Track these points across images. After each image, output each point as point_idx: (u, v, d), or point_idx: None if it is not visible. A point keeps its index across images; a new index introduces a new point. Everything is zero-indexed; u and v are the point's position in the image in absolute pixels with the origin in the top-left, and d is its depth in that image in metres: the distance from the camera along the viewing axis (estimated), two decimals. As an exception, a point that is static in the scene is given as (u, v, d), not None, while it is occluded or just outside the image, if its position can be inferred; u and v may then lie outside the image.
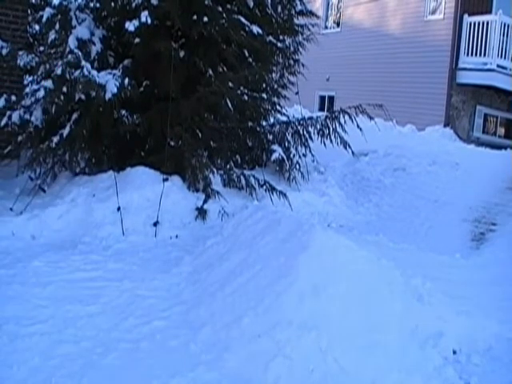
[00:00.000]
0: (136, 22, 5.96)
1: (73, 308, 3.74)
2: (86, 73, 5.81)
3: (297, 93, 8.46)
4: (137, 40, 6.26)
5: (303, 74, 8.97)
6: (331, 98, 17.62)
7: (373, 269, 3.62)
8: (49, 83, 6.00)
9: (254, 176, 6.61)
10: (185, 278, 4.36)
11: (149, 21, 5.93)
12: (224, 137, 6.77)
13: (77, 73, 5.84)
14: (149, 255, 4.95)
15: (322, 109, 17.30)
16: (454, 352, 3.35)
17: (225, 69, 6.73)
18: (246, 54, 6.86)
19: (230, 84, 6.42)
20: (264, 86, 7.89)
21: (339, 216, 6.54)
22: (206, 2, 6.27)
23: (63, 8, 6.21)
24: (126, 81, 6.08)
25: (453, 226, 6.43)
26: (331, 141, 7.83)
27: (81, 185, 6.02)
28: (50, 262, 4.52)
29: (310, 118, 7.93)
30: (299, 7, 8.46)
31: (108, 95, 5.90)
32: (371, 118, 7.82)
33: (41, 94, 5.97)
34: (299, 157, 7.87)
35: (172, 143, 6.27)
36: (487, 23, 12.05)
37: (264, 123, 7.84)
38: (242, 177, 6.56)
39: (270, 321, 3.28)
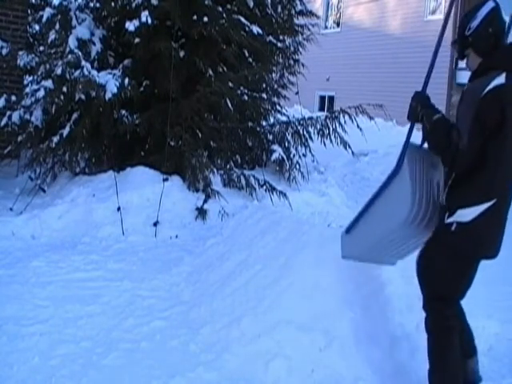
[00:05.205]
0: (136, 22, 5.97)
1: (73, 308, 3.74)
2: (86, 73, 5.82)
3: (297, 93, 8.46)
4: (137, 40, 6.27)
5: (303, 74, 8.98)
6: (331, 98, 17.65)
7: (373, 269, 3.61)
8: (49, 83, 6.01)
9: (253, 176, 6.61)
10: (185, 278, 4.36)
11: (149, 21, 5.94)
12: (224, 137, 6.77)
13: (77, 73, 5.84)
14: (149, 255, 4.94)
15: (322, 109, 17.33)
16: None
17: (225, 69, 6.73)
18: (246, 54, 6.87)
19: (230, 84, 6.42)
20: (264, 86, 7.89)
21: (339, 216, 6.51)
22: (206, 2, 6.27)
23: (63, 8, 6.21)
24: (126, 81, 6.08)
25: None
26: (331, 141, 7.82)
27: (81, 185, 6.02)
28: (50, 262, 4.52)
29: (310, 118, 7.92)
30: (299, 7, 8.47)
31: (108, 95, 5.91)
32: (371, 118, 7.81)
33: (41, 94, 5.98)
34: (299, 157, 7.86)
35: (172, 143, 6.26)
36: (487, 23, 12.04)
37: (264, 123, 7.83)
38: (242, 177, 6.56)
39: (270, 321, 3.28)
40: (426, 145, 2.76)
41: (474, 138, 2.48)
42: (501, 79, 2.48)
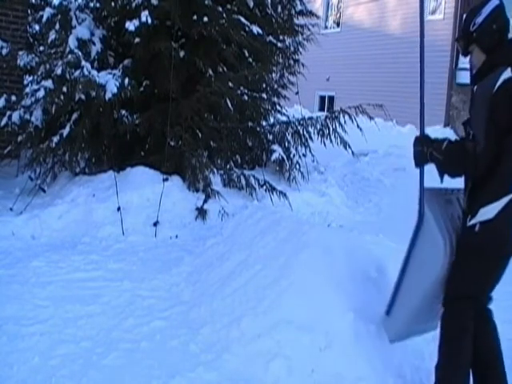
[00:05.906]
0: (136, 22, 5.97)
1: (73, 308, 3.74)
2: (86, 73, 5.83)
3: (297, 93, 8.47)
4: (137, 40, 6.27)
5: (303, 74, 8.98)
6: (331, 98, 17.64)
7: (373, 269, 3.61)
8: (49, 83, 6.02)
9: (253, 176, 6.61)
10: (185, 278, 4.36)
11: (149, 21, 5.94)
12: (224, 137, 6.77)
13: (77, 73, 5.85)
14: (149, 255, 4.95)
15: (322, 109, 17.33)
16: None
17: (225, 69, 6.74)
18: (246, 54, 6.87)
19: (230, 84, 6.42)
20: (264, 86, 7.90)
21: (339, 216, 6.53)
22: (206, 2, 6.28)
23: (63, 8, 6.22)
24: (126, 81, 6.09)
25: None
26: (331, 141, 7.82)
27: (81, 185, 6.02)
28: (50, 262, 4.53)
29: (310, 118, 7.92)
30: (299, 7, 8.47)
31: (108, 95, 5.91)
32: (371, 118, 7.81)
33: (41, 94, 5.98)
34: (299, 157, 7.87)
35: (172, 143, 6.27)
36: (487, 23, 12.04)
37: (264, 123, 7.84)
38: (242, 177, 6.56)
39: (270, 321, 3.28)
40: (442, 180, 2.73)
41: (491, 137, 2.49)
42: (508, 73, 2.50)
